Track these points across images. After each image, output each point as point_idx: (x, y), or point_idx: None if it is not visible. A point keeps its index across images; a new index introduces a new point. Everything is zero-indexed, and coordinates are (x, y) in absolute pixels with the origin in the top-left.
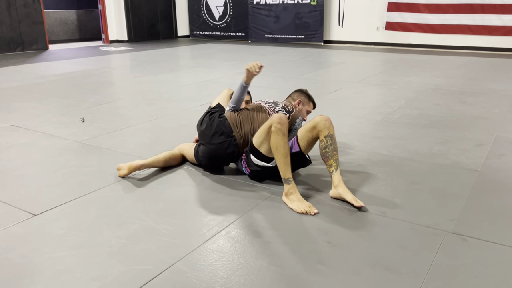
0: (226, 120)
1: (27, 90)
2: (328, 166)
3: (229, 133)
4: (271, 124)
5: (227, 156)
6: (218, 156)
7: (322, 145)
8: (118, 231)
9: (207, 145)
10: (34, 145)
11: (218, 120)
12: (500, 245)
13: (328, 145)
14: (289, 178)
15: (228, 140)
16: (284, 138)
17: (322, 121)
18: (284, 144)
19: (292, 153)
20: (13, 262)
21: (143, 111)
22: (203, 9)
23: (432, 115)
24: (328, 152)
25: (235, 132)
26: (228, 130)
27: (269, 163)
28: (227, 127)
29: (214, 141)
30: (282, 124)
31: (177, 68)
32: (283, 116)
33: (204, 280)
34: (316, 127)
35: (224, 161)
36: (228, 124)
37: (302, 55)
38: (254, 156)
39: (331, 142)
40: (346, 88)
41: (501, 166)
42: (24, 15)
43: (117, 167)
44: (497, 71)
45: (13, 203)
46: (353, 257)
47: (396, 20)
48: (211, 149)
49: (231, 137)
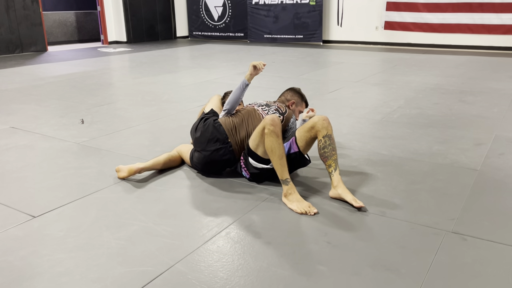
0: (221, 126)
1: (26, 92)
2: (327, 166)
3: (224, 139)
4: (264, 126)
5: (222, 162)
6: (213, 162)
7: (320, 145)
8: (117, 233)
9: (202, 152)
10: (33, 147)
11: (212, 127)
12: (500, 244)
13: (327, 145)
14: (286, 179)
15: (224, 147)
16: (278, 139)
17: (320, 121)
18: (278, 145)
19: (291, 153)
20: (12, 265)
21: (142, 112)
22: (202, 9)
23: (432, 115)
24: (326, 152)
25: (230, 139)
26: (223, 136)
27: (268, 165)
28: (222, 134)
29: (209, 148)
30: (275, 125)
31: (176, 69)
32: (275, 117)
33: (204, 281)
34: (314, 127)
35: (219, 167)
36: (223, 130)
37: (301, 55)
38: (253, 159)
39: (329, 142)
40: (345, 88)
41: (501, 165)
42: (23, 17)
43: (116, 169)
44: (496, 70)
45: (12, 205)
46: (353, 257)
47: (395, 19)
48: (206, 155)
49: (226, 144)
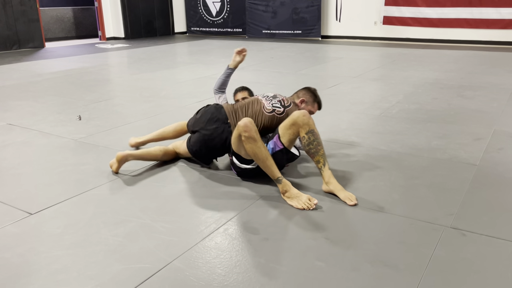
0: (222, 109)
1: (23, 88)
2: (316, 162)
3: (224, 120)
4: (239, 134)
5: (221, 142)
6: (211, 140)
7: (305, 142)
8: (115, 230)
9: (201, 131)
10: (31, 143)
11: (214, 108)
12: (499, 239)
13: (311, 141)
14: (278, 177)
15: (223, 126)
16: (257, 142)
17: (301, 116)
18: (258, 148)
19: (277, 151)
20: (9, 262)
21: (140, 108)
22: (200, 5)
23: (431, 110)
24: (312, 149)
25: (230, 120)
26: (224, 117)
27: (249, 165)
28: (223, 114)
29: (208, 126)
30: (248, 130)
31: (175, 64)
32: (247, 122)
33: (202, 278)
34: (295, 124)
35: (216, 147)
36: (224, 112)
37: (300, 51)
38: (236, 159)
39: (313, 138)
40: (344, 83)
41: (500, 160)
42: (20, 13)
43: (109, 164)
44: (495, 64)
45: (9, 202)
46: (351, 253)
47: (394, 14)
48: (205, 134)
49: (226, 123)
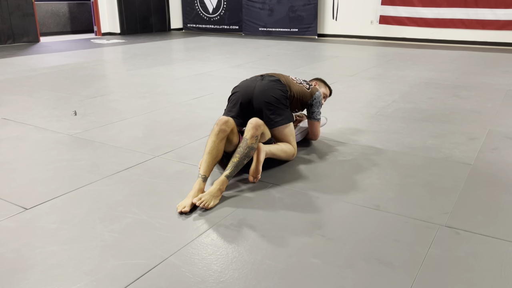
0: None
1: (18, 83)
2: (231, 162)
3: (284, 85)
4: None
5: (277, 94)
6: (269, 90)
7: (248, 144)
8: (111, 225)
9: (257, 82)
10: (25, 138)
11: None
12: (493, 238)
13: (240, 146)
14: (200, 174)
15: (283, 86)
16: (211, 137)
17: (249, 124)
18: (211, 142)
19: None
20: (4, 257)
21: (136, 104)
22: (197, 1)
23: (426, 109)
24: (243, 151)
25: (287, 88)
26: (283, 83)
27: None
28: (281, 82)
29: (267, 78)
30: (219, 124)
31: (170, 61)
32: (223, 118)
33: (198, 274)
34: (247, 128)
35: (268, 100)
36: (281, 81)
37: (296, 49)
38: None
39: (241, 145)
40: (340, 82)
41: (494, 159)
42: (15, 7)
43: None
44: (490, 65)
45: (4, 197)
46: (347, 251)
47: (390, 14)
48: (263, 83)
49: (284, 85)
